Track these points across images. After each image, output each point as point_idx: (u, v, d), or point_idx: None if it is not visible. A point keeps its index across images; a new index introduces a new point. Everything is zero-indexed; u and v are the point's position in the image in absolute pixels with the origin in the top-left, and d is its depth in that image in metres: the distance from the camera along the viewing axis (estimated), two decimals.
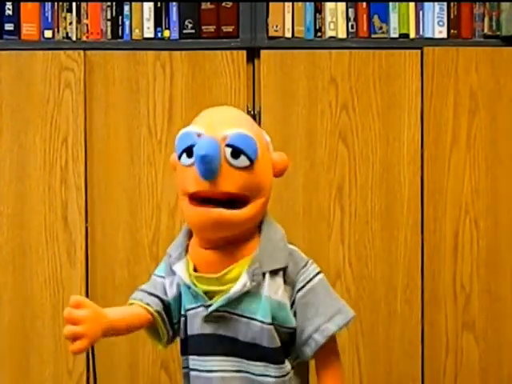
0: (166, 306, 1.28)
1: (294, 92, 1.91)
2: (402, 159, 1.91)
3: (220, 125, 1.21)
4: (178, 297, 1.28)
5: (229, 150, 1.18)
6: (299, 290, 1.24)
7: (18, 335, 1.91)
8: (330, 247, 1.90)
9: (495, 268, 1.92)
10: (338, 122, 1.91)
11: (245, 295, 1.22)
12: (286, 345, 1.25)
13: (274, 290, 1.23)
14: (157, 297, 1.28)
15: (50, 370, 1.91)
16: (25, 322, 1.91)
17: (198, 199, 1.21)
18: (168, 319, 1.29)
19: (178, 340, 1.30)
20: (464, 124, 1.92)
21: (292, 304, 1.25)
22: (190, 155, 1.20)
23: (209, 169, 1.17)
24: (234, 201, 1.20)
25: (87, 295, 1.90)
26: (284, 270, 1.24)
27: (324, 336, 1.23)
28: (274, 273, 1.23)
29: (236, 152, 1.19)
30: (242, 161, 1.19)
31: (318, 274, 1.27)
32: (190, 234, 1.29)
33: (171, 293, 1.28)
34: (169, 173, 1.90)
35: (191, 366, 1.27)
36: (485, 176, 1.92)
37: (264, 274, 1.22)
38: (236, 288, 1.21)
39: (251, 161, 1.20)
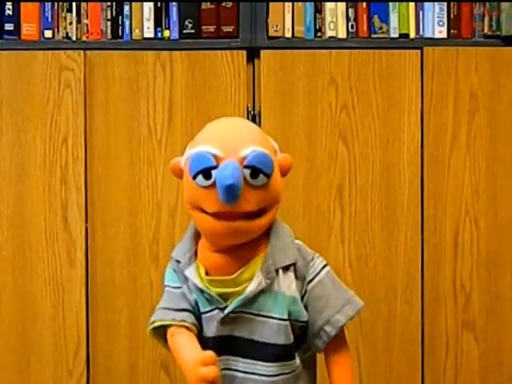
0: (196, 315, 1.27)
1: (294, 92, 1.91)
2: (402, 159, 1.91)
3: (235, 144, 1.20)
4: (196, 301, 1.27)
5: (248, 172, 1.18)
6: (309, 282, 1.25)
7: (18, 335, 1.91)
8: (330, 247, 1.90)
9: (495, 268, 1.92)
10: (338, 122, 1.91)
11: (260, 293, 1.22)
12: (298, 339, 1.25)
13: (287, 286, 1.23)
14: (185, 310, 1.26)
15: (50, 370, 1.91)
16: (25, 322, 1.91)
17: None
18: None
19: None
20: (464, 124, 1.92)
21: (302, 297, 1.25)
22: (207, 177, 1.18)
23: (233, 197, 1.16)
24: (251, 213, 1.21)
25: (87, 295, 1.90)
26: (294, 265, 1.25)
27: (335, 328, 1.24)
28: (285, 269, 1.24)
29: (255, 172, 1.18)
30: (261, 179, 1.19)
31: (324, 266, 1.28)
32: (196, 237, 1.28)
33: (192, 298, 1.26)
34: (169, 173, 1.90)
35: None
36: (485, 176, 1.92)
37: (277, 271, 1.23)
38: (252, 287, 1.21)
39: (268, 177, 1.20)
